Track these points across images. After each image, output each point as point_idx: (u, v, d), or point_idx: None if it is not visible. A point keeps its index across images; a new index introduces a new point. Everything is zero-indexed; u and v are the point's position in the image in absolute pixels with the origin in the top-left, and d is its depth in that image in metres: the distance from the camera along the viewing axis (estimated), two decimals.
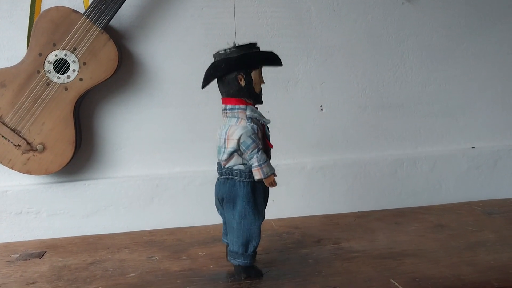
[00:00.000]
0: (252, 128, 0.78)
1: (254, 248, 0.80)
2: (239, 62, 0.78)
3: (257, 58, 0.80)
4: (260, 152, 0.77)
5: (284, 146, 1.26)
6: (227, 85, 0.79)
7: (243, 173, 0.79)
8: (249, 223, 0.79)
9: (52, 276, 0.87)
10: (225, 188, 0.80)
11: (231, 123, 0.79)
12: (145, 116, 1.21)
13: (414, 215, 1.09)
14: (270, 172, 0.78)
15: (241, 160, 0.79)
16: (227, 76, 0.79)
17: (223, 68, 0.78)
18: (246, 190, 0.79)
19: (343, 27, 1.26)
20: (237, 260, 0.80)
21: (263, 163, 0.77)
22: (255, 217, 0.79)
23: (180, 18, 1.20)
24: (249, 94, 0.79)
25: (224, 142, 0.79)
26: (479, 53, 1.31)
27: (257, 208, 0.80)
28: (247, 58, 0.79)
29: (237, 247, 0.80)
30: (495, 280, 0.74)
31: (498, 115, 1.33)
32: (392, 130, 1.30)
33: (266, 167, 0.77)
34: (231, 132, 0.78)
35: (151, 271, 0.86)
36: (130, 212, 1.20)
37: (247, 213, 0.79)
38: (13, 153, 1.12)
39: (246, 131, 0.77)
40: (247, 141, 0.77)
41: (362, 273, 0.80)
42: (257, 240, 0.80)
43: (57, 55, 1.10)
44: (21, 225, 1.16)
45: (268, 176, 0.77)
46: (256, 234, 0.80)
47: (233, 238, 0.80)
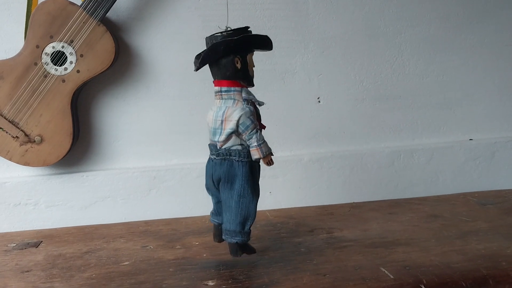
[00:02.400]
0: (250, 109, 0.79)
1: (250, 225, 0.81)
2: (238, 44, 0.79)
3: (255, 40, 0.81)
4: (259, 132, 0.79)
5: (281, 138, 1.26)
6: (223, 67, 0.80)
7: (241, 153, 0.80)
8: (248, 201, 0.80)
9: (47, 264, 0.88)
10: (222, 169, 0.81)
11: (228, 104, 0.80)
12: (142, 108, 1.22)
13: (409, 206, 1.10)
14: (268, 151, 0.80)
15: (239, 140, 0.80)
16: (224, 58, 0.79)
17: (222, 50, 0.78)
18: (244, 169, 0.80)
19: (340, 18, 1.26)
20: (234, 238, 0.81)
21: (262, 143, 0.79)
22: (253, 196, 0.80)
23: (177, 10, 1.20)
24: (244, 76, 0.80)
25: (221, 124, 0.79)
26: (476, 44, 1.30)
27: (254, 187, 0.81)
28: (246, 40, 0.80)
29: (235, 225, 0.81)
30: (484, 268, 0.74)
31: (496, 107, 1.32)
32: (390, 122, 1.30)
33: (265, 147, 0.79)
34: (229, 113, 0.79)
35: (145, 260, 0.87)
36: (128, 203, 1.21)
37: (246, 192, 0.80)
38: (11, 144, 1.13)
39: (245, 112, 0.78)
40: (246, 122, 0.78)
41: (353, 261, 0.80)
42: (253, 218, 0.81)
43: (54, 47, 1.11)
44: (19, 216, 1.18)
45: (266, 155, 0.79)
46: (253, 212, 0.81)
47: (230, 217, 0.81)
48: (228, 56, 0.79)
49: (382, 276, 0.74)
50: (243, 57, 0.80)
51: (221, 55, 0.79)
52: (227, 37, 0.79)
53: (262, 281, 0.76)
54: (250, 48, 0.81)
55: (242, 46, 0.80)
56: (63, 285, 0.79)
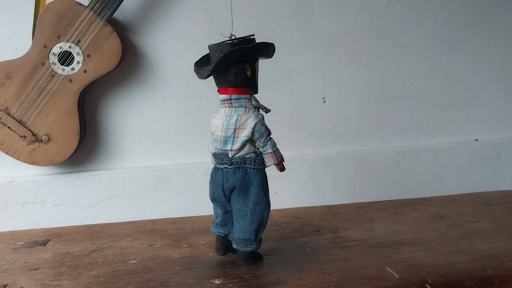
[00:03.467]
0: (262, 116, 0.80)
1: (262, 232, 0.82)
2: (252, 52, 0.79)
3: (264, 48, 0.81)
4: (272, 139, 0.80)
5: (287, 138, 1.27)
6: (234, 75, 0.79)
7: (256, 161, 0.80)
8: (263, 209, 0.80)
9: (55, 262, 0.88)
10: (237, 178, 0.80)
11: (239, 112, 0.79)
12: (148, 107, 1.23)
13: (414, 206, 1.10)
14: (281, 157, 0.81)
15: (253, 148, 0.80)
16: (235, 66, 0.79)
17: (236, 58, 0.78)
18: (260, 177, 0.80)
19: (346, 19, 1.26)
20: (249, 247, 0.81)
21: (276, 149, 0.80)
22: (267, 203, 0.81)
23: (183, 10, 1.21)
24: (253, 84, 0.81)
25: (234, 132, 0.79)
26: (482, 45, 1.30)
27: (268, 194, 0.82)
28: (259, 48, 0.80)
29: (249, 234, 0.80)
30: (490, 268, 0.75)
31: (501, 108, 1.32)
32: (395, 122, 1.30)
33: (279, 153, 0.81)
34: (243, 121, 0.79)
35: (152, 258, 0.88)
36: (134, 202, 1.21)
37: (261, 200, 0.80)
38: (18, 144, 1.13)
39: (259, 119, 0.79)
40: (261, 129, 0.79)
41: (358, 261, 0.80)
42: (265, 225, 0.82)
43: (61, 47, 1.12)
44: (27, 215, 1.18)
45: (280, 162, 0.80)
46: (266, 219, 0.82)
47: (245, 226, 0.81)
48: (240, 64, 0.78)
49: (387, 276, 0.74)
50: (252, 65, 0.80)
51: (235, 62, 0.78)
52: (239, 44, 0.78)
53: (268, 280, 0.76)
54: (257, 56, 0.81)
55: (252, 54, 0.80)
56: (71, 283, 0.79)
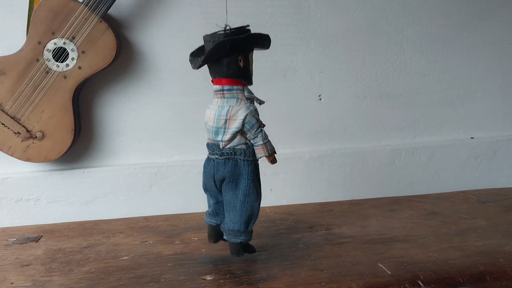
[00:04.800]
0: (254, 108, 0.79)
1: (253, 224, 0.82)
2: (243, 43, 0.78)
3: (258, 39, 0.81)
4: (263, 131, 0.79)
5: (282, 136, 1.26)
6: (226, 65, 0.79)
7: (246, 152, 0.79)
8: (252, 200, 0.80)
9: (47, 258, 0.88)
10: (227, 168, 0.80)
11: (231, 103, 0.79)
12: (144, 104, 1.22)
13: (408, 203, 1.09)
14: (272, 149, 0.80)
15: (244, 140, 0.79)
16: (227, 57, 0.78)
17: (228, 48, 0.77)
18: (250, 168, 0.80)
19: (342, 16, 1.26)
20: (239, 238, 0.81)
21: (267, 141, 0.79)
22: (257, 195, 0.81)
23: (179, 6, 1.21)
24: (246, 75, 0.80)
25: (225, 123, 0.79)
26: (479, 42, 1.30)
27: (259, 186, 0.81)
28: (251, 39, 0.79)
29: (239, 225, 0.80)
30: (482, 264, 0.74)
31: (497, 105, 1.32)
32: (391, 120, 1.29)
33: (269, 145, 0.79)
34: (234, 112, 0.78)
35: (144, 255, 0.87)
36: (129, 199, 1.21)
37: (251, 191, 0.80)
38: (13, 140, 1.13)
39: (251, 111, 0.78)
40: (252, 121, 0.78)
41: (351, 257, 0.80)
42: (256, 217, 0.81)
43: (56, 43, 1.11)
44: (21, 212, 1.18)
45: (271, 154, 0.80)
46: (256, 211, 0.81)
47: (234, 217, 0.81)
48: (232, 54, 0.78)
49: (380, 272, 0.74)
50: (245, 55, 0.79)
51: (227, 53, 0.78)
52: (231, 35, 0.77)
53: (260, 276, 0.76)
54: (251, 47, 0.81)
55: (246, 45, 0.79)
56: (62, 278, 0.79)
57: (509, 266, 0.74)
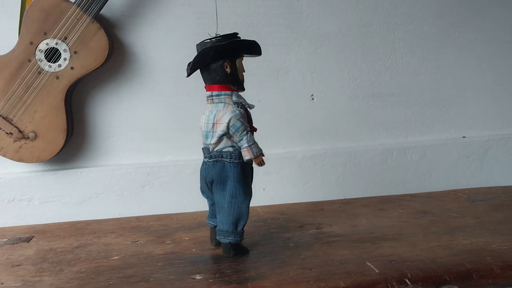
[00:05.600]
0: (240, 111, 0.81)
1: (243, 226, 0.83)
2: (226, 49, 0.81)
3: (243, 45, 0.83)
4: (249, 134, 0.81)
5: (275, 135, 1.27)
6: (213, 72, 0.82)
7: (232, 154, 0.82)
8: (239, 202, 0.82)
9: (38, 258, 0.88)
10: (215, 170, 0.83)
11: (219, 108, 0.82)
12: (136, 104, 1.23)
13: (399, 202, 1.10)
14: (259, 152, 0.81)
15: (230, 142, 0.82)
16: (214, 63, 0.81)
17: (211, 56, 0.81)
18: (236, 170, 0.82)
19: (334, 16, 1.26)
20: (227, 238, 0.83)
21: (252, 143, 0.81)
22: (244, 196, 0.82)
23: (171, 7, 1.21)
24: (234, 80, 0.82)
25: (213, 127, 0.82)
26: (470, 42, 1.30)
27: (246, 188, 0.83)
28: (234, 45, 0.82)
29: (228, 225, 0.82)
30: (469, 262, 0.75)
31: (489, 105, 1.32)
32: (383, 120, 1.30)
33: (255, 148, 0.81)
34: (220, 116, 0.81)
35: (134, 254, 0.88)
36: (121, 199, 1.21)
37: (238, 193, 0.82)
38: (5, 141, 1.13)
39: (235, 114, 0.80)
40: (236, 124, 0.80)
41: (340, 256, 0.80)
42: (245, 218, 0.83)
43: (48, 43, 1.12)
44: (14, 212, 1.18)
45: (257, 156, 0.81)
46: (245, 212, 0.83)
47: (223, 218, 0.83)
48: (218, 61, 0.81)
49: (367, 270, 0.74)
50: (232, 61, 0.82)
51: (211, 60, 0.81)
52: (216, 42, 0.81)
53: (249, 275, 0.76)
54: (238, 53, 0.83)
55: (231, 51, 0.82)
56: (52, 278, 0.79)
57: (496, 264, 0.74)
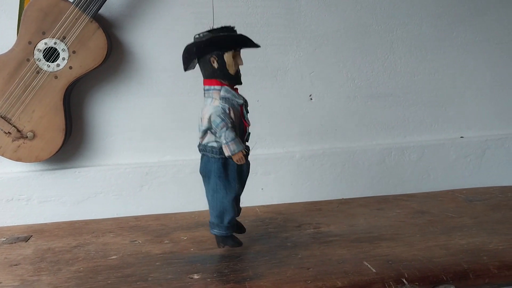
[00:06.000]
0: (223, 107, 0.80)
1: (229, 220, 0.84)
2: (208, 44, 0.80)
3: (225, 40, 0.81)
4: (228, 130, 0.79)
5: (273, 135, 1.27)
6: (203, 67, 0.82)
7: (214, 149, 0.82)
8: (221, 197, 0.82)
9: (36, 258, 0.88)
10: (202, 164, 0.84)
11: (207, 103, 0.82)
12: (135, 104, 1.23)
13: (397, 202, 1.10)
14: (238, 149, 0.80)
15: (214, 138, 0.82)
16: (202, 58, 0.81)
17: (195, 52, 0.81)
18: (217, 165, 0.82)
19: (333, 16, 1.27)
20: (213, 230, 0.85)
21: (230, 140, 0.79)
22: (226, 192, 0.82)
23: (169, 6, 1.21)
24: (223, 75, 0.81)
25: (201, 121, 0.82)
26: (468, 43, 1.31)
27: (228, 183, 0.83)
28: (215, 40, 0.81)
29: (213, 218, 0.84)
30: (465, 262, 0.75)
31: (486, 105, 1.33)
32: (381, 120, 1.30)
33: (233, 145, 0.80)
34: (205, 111, 0.81)
35: (132, 254, 0.88)
36: (120, 199, 1.21)
37: (219, 188, 0.82)
38: (3, 140, 1.13)
39: (216, 110, 0.80)
40: (216, 120, 0.79)
41: (337, 256, 0.81)
42: (231, 213, 0.83)
43: (46, 43, 1.12)
44: (12, 212, 1.18)
45: (236, 153, 0.80)
46: (228, 207, 0.83)
47: (210, 210, 0.85)
48: (204, 56, 0.81)
49: (365, 270, 0.74)
50: (219, 56, 0.80)
51: (195, 56, 0.81)
52: (202, 38, 0.81)
53: (246, 274, 0.76)
54: (227, 47, 0.81)
55: (214, 45, 0.80)
56: (51, 278, 0.79)
57: (492, 264, 0.74)
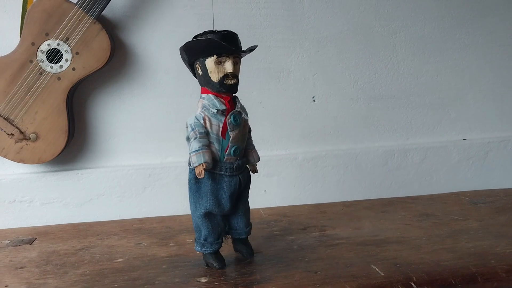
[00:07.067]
0: (197, 117, 0.76)
1: (205, 236, 0.79)
2: (187, 52, 0.77)
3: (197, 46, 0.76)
4: (195, 141, 0.74)
5: (276, 137, 1.27)
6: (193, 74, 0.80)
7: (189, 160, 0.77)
8: (192, 211, 0.79)
9: (41, 261, 0.88)
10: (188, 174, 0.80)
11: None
12: (138, 106, 1.22)
13: (401, 204, 1.10)
14: (198, 162, 0.73)
15: None
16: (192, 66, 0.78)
17: (186, 59, 0.79)
18: (190, 177, 0.78)
19: (336, 18, 1.27)
20: (195, 246, 0.81)
21: (192, 151, 0.74)
22: (196, 206, 0.78)
23: (173, 7, 1.21)
24: (207, 82, 0.77)
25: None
26: (470, 45, 1.31)
27: (199, 197, 0.78)
28: (190, 48, 0.77)
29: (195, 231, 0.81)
30: (473, 265, 0.75)
31: (489, 107, 1.33)
32: (384, 122, 1.30)
33: (194, 157, 0.74)
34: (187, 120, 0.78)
35: (138, 257, 0.88)
36: (123, 201, 1.21)
37: (191, 201, 0.79)
38: (6, 142, 1.13)
39: (190, 119, 0.76)
40: (188, 129, 0.76)
41: (344, 259, 0.81)
42: (204, 229, 0.78)
43: (49, 44, 1.11)
44: (14, 214, 1.18)
45: (196, 166, 0.74)
46: (200, 223, 0.78)
47: None
48: (193, 63, 0.78)
49: (373, 274, 0.75)
50: (202, 63, 0.76)
51: (184, 61, 0.79)
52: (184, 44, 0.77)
53: (254, 278, 0.76)
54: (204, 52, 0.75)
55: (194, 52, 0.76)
56: (57, 281, 0.79)
57: (500, 267, 0.75)
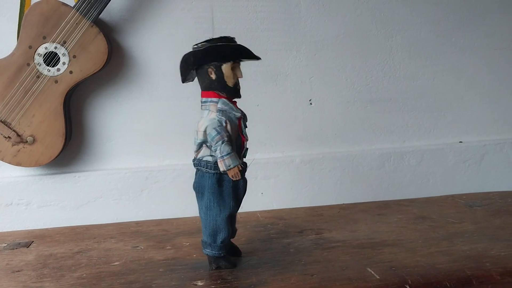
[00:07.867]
0: (219, 120, 0.77)
1: (223, 239, 0.80)
2: (205, 54, 0.78)
3: (223, 50, 0.78)
4: (224, 144, 0.76)
5: (273, 140, 1.28)
6: (201, 78, 0.80)
7: (209, 164, 0.79)
8: (215, 214, 0.80)
9: (38, 264, 0.88)
10: (196, 179, 0.81)
11: (203, 115, 0.80)
12: (135, 109, 1.23)
13: (397, 207, 1.10)
14: (233, 164, 0.76)
15: (209, 151, 0.79)
16: (199, 69, 0.79)
17: (192, 62, 0.79)
18: (211, 181, 0.79)
19: (332, 21, 1.27)
20: (206, 250, 0.82)
21: (226, 155, 0.76)
22: (220, 209, 0.79)
23: (170, 11, 1.21)
24: (221, 87, 0.78)
25: (196, 134, 0.80)
26: (467, 48, 1.31)
27: (223, 200, 0.79)
28: (213, 50, 0.78)
29: (206, 236, 0.81)
30: (469, 268, 0.76)
31: (485, 110, 1.34)
32: (380, 124, 1.31)
33: (229, 159, 0.76)
34: (200, 124, 0.79)
35: (135, 260, 0.88)
36: (120, 204, 1.21)
37: (212, 205, 0.79)
38: (3, 145, 1.13)
39: (212, 123, 0.77)
40: (212, 133, 0.77)
41: (340, 262, 0.81)
42: (225, 232, 0.80)
43: (47, 48, 1.11)
44: (11, 216, 1.18)
45: (231, 168, 0.76)
46: (222, 226, 0.80)
47: (203, 228, 0.81)
48: (202, 66, 0.78)
49: (368, 276, 0.75)
50: (217, 67, 0.78)
51: (192, 66, 0.79)
52: (200, 48, 0.78)
53: (250, 281, 0.76)
54: (225, 57, 0.78)
55: (211, 56, 0.78)
56: (54, 284, 0.79)
57: (495, 270, 0.75)
